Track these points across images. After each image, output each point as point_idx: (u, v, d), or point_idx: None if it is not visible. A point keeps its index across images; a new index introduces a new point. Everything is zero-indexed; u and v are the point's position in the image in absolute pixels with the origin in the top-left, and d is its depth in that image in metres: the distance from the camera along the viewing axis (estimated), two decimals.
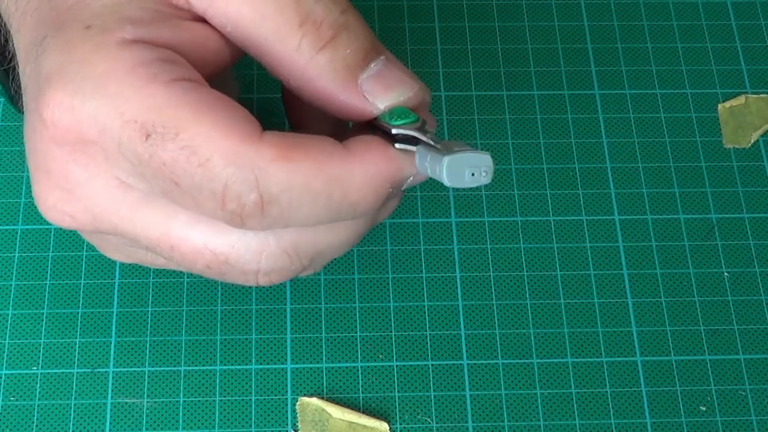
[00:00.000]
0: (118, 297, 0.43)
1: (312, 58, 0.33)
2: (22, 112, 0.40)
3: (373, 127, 0.34)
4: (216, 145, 0.30)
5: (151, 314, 0.43)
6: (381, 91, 0.34)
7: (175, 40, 0.33)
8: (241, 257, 0.33)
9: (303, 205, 0.31)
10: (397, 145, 0.33)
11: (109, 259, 0.44)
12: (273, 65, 0.34)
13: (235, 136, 0.31)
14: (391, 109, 0.34)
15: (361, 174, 0.32)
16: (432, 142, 0.32)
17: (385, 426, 0.41)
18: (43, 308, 0.43)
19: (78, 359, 0.42)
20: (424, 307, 0.44)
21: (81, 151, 0.32)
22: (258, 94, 0.48)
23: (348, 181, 0.32)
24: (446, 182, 0.31)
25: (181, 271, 0.44)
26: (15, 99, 0.41)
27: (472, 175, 0.31)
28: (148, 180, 0.32)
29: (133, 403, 0.42)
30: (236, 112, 0.32)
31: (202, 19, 0.34)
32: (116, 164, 0.32)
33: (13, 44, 0.36)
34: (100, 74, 0.31)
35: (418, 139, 0.33)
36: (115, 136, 0.31)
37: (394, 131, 0.33)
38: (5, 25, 0.37)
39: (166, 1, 0.33)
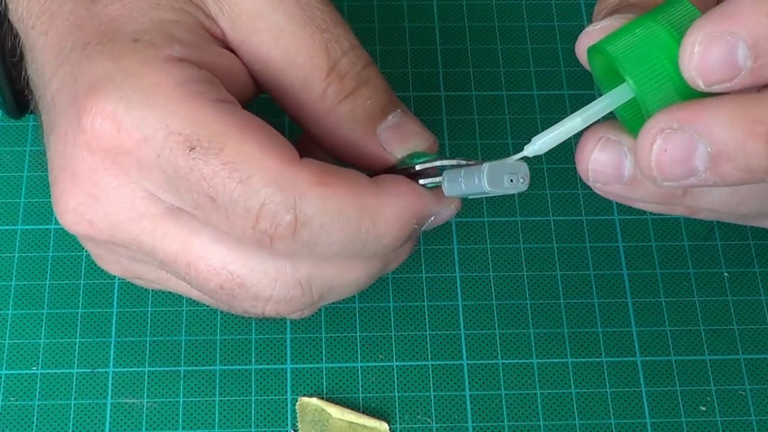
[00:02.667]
0: (118, 297, 0.44)
1: (334, 107, 0.35)
2: (30, 112, 0.40)
3: (393, 170, 0.36)
4: (258, 164, 0.31)
5: (151, 314, 0.43)
6: (398, 142, 0.35)
7: (215, 65, 0.34)
8: (257, 282, 0.34)
9: (333, 231, 0.32)
10: (421, 181, 0.34)
11: None
12: (295, 110, 0.35)
13: (277, 158, 0.32)
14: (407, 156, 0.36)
15: (391, 207, 0.33)
16: (459, 163, 0.34)
17: (385, 426, 0.41)
18: (43, 308, 0.43)
19: (78, 359, 0.42)
20: (424, 307, 0.44)
21: (113, 160, 0.32)
22: None
23: (378, 212, 0.33)
24: (486, 187, 0.32)
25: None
26: (12, 98, 0.40)
27: (511, 181, 0.32)
28: (181, 194, 0.32)
29: (133, 403, 0.42)
30: (278, 136, 0.33)
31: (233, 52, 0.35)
32: (149, 176, 0.32)
33: (20, 43, 0.37)
34: (147, 86, 0.32)
35: (443, 167, 0.34)
36: (156, 146, 0.32)
37: (418, 167, 0.35)
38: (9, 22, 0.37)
39: (206, 28, 0.34)
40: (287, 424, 0.41)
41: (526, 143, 0.32)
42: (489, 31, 0.51)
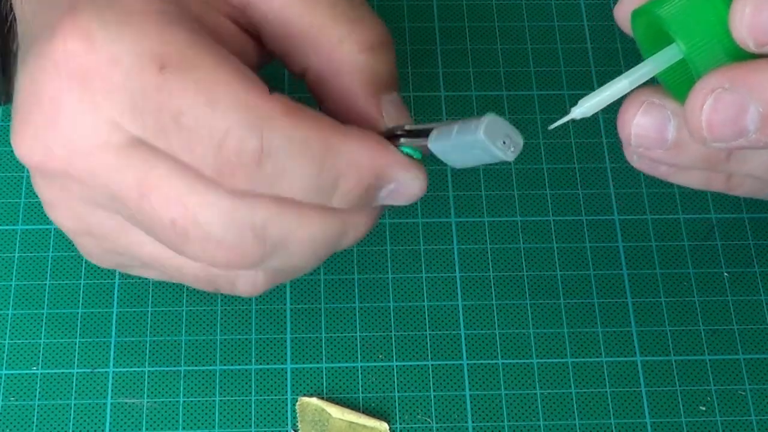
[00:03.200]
0: (118, 297, 0.44)
1: (351, 55, 0.34)
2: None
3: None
4: (228, 89, 0.31)
5: (151, 314, 0.43)
6: (395, 115, 0.35)
7: (204, 19, 0.34)
8: (211, 220, 0.33)
9: (297, 164, 0.31)
10: (402, 140, 0.34)
11: None
12: (307, 54, 0.35)
13: (247, 86, 0.31)
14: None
15: (354, 150, 0.32)
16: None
17: (385, 426, 0.41)
18: (43, 308, 0.43)
19: (78, 359, 0.42)
20: (424, 307, 0.44)
21: (80, 81, 0.32)
22: None
23: (341, 151, 0.32)
24: (482, 136, 0.31)
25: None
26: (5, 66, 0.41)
27: (504, 143, 0.31)
28: (144, 117, 0.32)
29: (133, 403, 0.42)
30: (249, 71, 0.32)
31: (236, 20, 0.35)
32: (115, 98, 0.32)
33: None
34: (126, 9, 0.32)
35: (431, 130, 0.33)
36: (126, 65, 0.31)
37: (407, 127, 0.34)
38: None
39: None
40: (287, 424, 0.41)
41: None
42: (489, 31, 0.51)
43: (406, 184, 0.34)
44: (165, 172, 0.33)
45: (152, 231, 0.34)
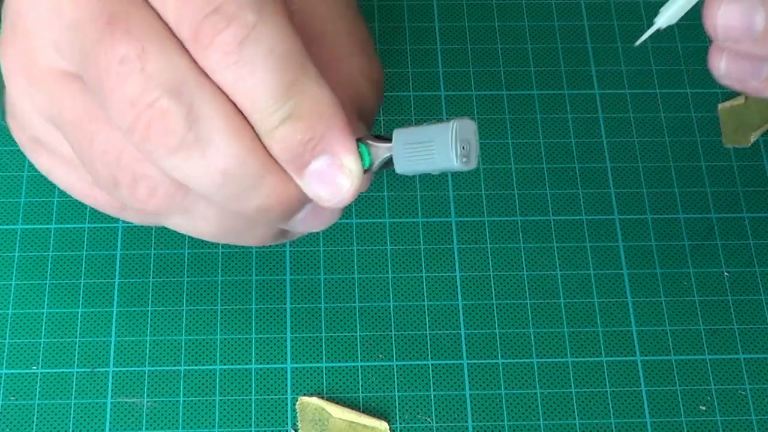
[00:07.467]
0: (118, 297, 0.44)
1: (354, 73, 0.34)
2: None
3: None
4: None
5: (151, 314, 0.43)
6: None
7: None
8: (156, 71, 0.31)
9: (266, 69, 0.30)
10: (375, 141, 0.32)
11: (110, 258, 0.44)
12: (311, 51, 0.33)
13: None
14: None
15: (318, 95, 0.31)
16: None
17: (385, 425, 0.41)
18: (43, 308, 0.43)
19: (78, 359, 0.42)
20: (424, 306, 0.44)
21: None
22: None
23: (308, 87, 0.31)
24: (452, 124, 0.30)
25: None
26: None
27: (463, 147, 0.30)
28: None
29: (133, 402, 0.42)
30: None
31: None
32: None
33: None
34: None
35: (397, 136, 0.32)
36: None
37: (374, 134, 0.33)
38: None
39: None
40: (287, 424, 0.41)
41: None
42: (489, 30, 0.51)
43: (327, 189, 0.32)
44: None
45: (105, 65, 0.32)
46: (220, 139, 0.31)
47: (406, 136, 0.31)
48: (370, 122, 0.35)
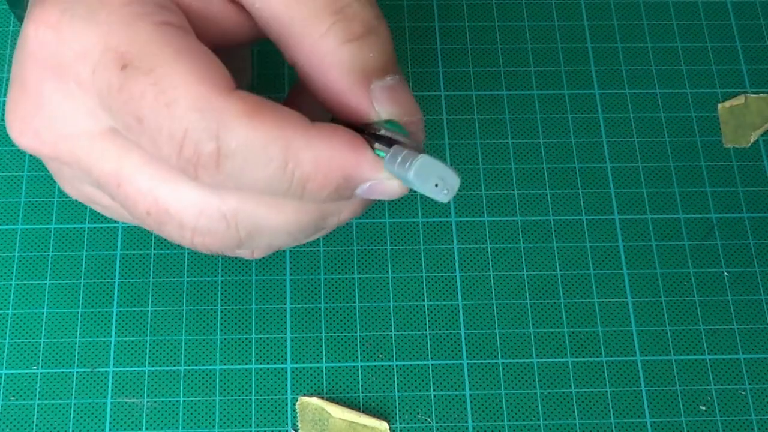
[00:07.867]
0: (118, 297, 0.44)
1: (335, 48, 0.33)
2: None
3: (355, 129, 0.34)
4: (186, 89, 0.31)
5: (151, 314, 0.43)
6: (389, 103, 0.34)
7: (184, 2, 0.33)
8: (182, 209, 0.33)
9: (257, 166, 0.31)
10: (376, 145, 0.33)
11: (109, 257, 0.44)
12: (292, 48, 0.34)
13: (207, 85, 0.31)
14: (387, 120, 0.34)
15: (318, 151, 0.31)
16: (412, 148, 0.32)
17: (385, 425, 0.41)
18: (43, 308, 0.43)
19: (78, 359, 0.42)
20: (424, 306, 0.44)
21: (54, 72, 0.32)
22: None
23: (305, 153, 0.31)
24: (411, 178, 0.31)
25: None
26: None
27: (436, 185, 0.31)
28: (113, 113, 0.32)
29: (133, 402, 0.42)
30: (215, 64, 0.32)
31: None
32: (87, 91, 0.32)
33: None
34: (94, 1, 0.32)
35: (398, 143, 0.32)
36: (93, 61, 0.32)
37: (382, 131, 0.33)
38: None
39: None
40: (287, 424, 0.41)
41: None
42: (489, 30, 0.51)
43: (383, 186, 0.33)
44: (138, 163, 0.33)
45: (132, 215, 0.35)
46: (271, 229, 0.34)
47: (390, 168, 0.32)
48: (387, 66, 0.35)
